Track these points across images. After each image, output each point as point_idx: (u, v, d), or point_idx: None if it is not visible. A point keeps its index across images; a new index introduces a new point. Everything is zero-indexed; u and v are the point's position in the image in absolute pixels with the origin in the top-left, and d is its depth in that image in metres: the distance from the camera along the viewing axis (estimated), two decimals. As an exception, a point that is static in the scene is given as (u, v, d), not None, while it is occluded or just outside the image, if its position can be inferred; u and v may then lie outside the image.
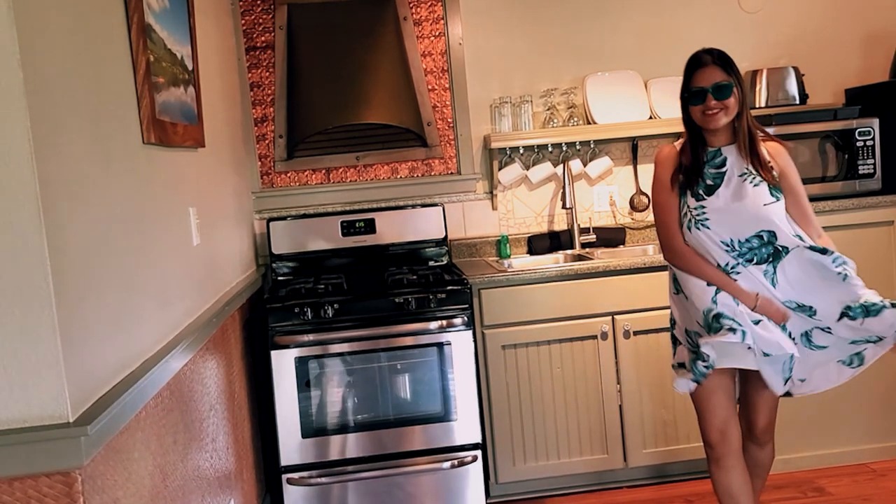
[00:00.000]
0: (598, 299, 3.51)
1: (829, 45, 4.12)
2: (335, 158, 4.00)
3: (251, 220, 3.89)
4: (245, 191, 3.80)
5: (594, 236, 4.01)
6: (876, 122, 3.66)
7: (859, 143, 3.66)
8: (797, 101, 3.91)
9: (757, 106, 3.92)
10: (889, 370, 3.63)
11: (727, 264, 2.57)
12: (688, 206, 2.61)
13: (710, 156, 2.63)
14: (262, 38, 3.95)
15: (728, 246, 2.57)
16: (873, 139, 3.66)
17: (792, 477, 3.55)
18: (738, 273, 2.57)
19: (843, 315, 2.53)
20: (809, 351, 2.60)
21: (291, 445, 3.36)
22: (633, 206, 4.10)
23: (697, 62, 2.61)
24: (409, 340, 3.40)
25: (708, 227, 2.57)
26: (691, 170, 2.61)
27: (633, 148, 4.07)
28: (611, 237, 4.04)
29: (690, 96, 2.61)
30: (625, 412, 3.56)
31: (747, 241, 2.55)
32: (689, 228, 2.60)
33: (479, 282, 3.47)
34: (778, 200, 2.56)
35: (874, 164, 3.67)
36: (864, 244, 3.59)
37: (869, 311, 2.49)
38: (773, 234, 2.55)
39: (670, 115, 3.93)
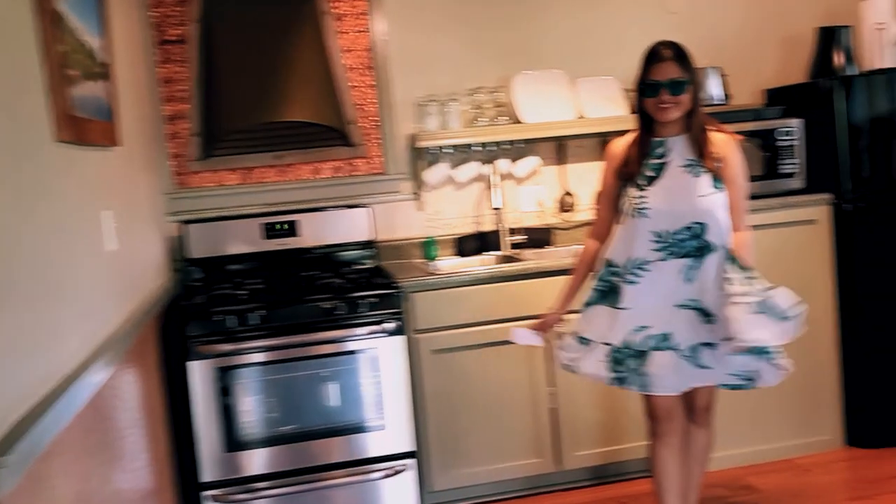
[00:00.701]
0: (530, 301, 3.44)
1: (750, 47, 4.17)
2: (254, 158, 3.83)
3: (165, 223, 3.68)
4: (158, 192, 3.59)
5: (523, 237, 3.96)
6: (798, 122, 3.72)
7: (782, 143, 3.71)
8: (721, 101, 3.95)
9: (681, 106, 3.93)
10: (811, 365, 3.69)
11: (641, 258, 2.63)
12: (630, 197, 2.67)
13: (653, 146, 2.68)
14: (175, 32, 3.74)
15: (659, 237, 2.62)
16: (796, 139, 3.72)
17: (721, 475, 3.56)
18: (648, 271, 2.63)
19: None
20: (692, 369, 2.61)
21: (212, 461, 3.18)
22: (562, 206, 4.06)
23: (656, 56, 2.62)
24: (337, 347, 3.26)
25: (646, 217, 2.62)
26: (635, 161, 2.68)
27: (560, 148, 4.03)
28: (539, 238, 4.00)
29: (645, 88, 2.63)
30: (558, 415, 3.51)
31: (677, 232, 2.61)
32: (630, 215, 2.66)
33: (410, 285, 3.36)
34: (718, 192, 2.61)
35: (797, 164, 3.72)
36: (787, 243, 3.64)
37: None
38: (703, 228, 2.59)
39: (598, 114, 3.90)
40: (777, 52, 4.21)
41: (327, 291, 3.29)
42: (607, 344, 2.68)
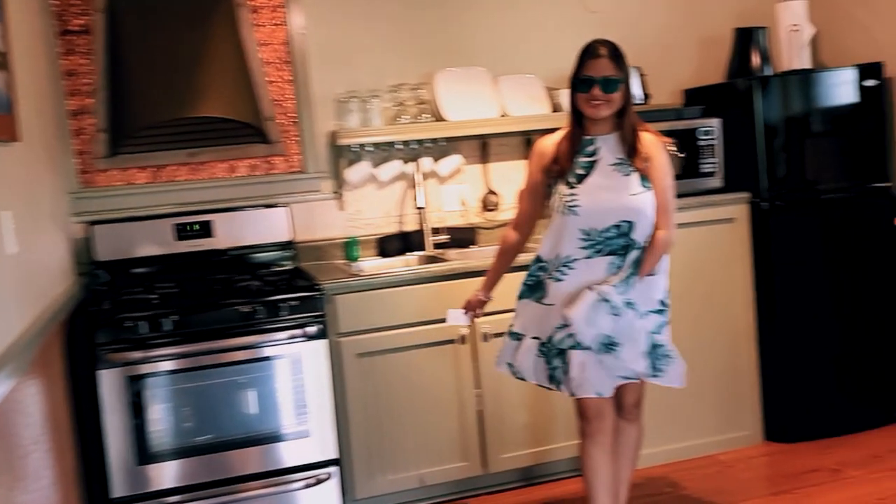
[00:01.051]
0: (456, 302, 3.36)
1: (669, 47, 4.20)
2: (165, 155, 3.65)
3: (69, 225, 3.46)
4: (62, 191, 3.38)
5: (446, 237, 3.89)
6: (718, 122, 3.76)
7: (702, 143, 3.74)
8: (641, 101, 3.96)
9: (603, 105, 3.93)
10: (731, 362, 3.74)
11: (568, 256, 2.65)
12: (560, 194, 2.66)
13: (583, 144, 2.68)
14: (78, 21, 3.53)
15: (587, 235, 2.63)
16: (715, 138, 3.76)
17: (646, 474, 3.56)
18: (574, 269, 2.64)
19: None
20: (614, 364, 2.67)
21: (123, 474, 3.01)
22: (485, 206, 4.01)
23: (591, 52, 2.64)
24: (256, 353, 3.13)
25: (576, 214, 2.63)
26: (566, 157, 2.67)
27: (483, 146, 3.98)
28: (463, 237, 3.94)
29: (579, 84, 2.63)
30: (484, 417, 3.45)
31: (606, 230, 2.62)
32: (560, 213, 2.66)
33: (332, 287, 3.25)
34: (647, 191, 2.63)
35: (716, 163, 3.76)
36: (708, 242, 3.67)
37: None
38: (631, 226, 2.61)
39: (522, 112, 3.86)
40: (695, 53, 4.25)
41: (245, 295, 3.15)
42: (536, 338, 2.73)
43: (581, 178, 2.65)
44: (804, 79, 3.76)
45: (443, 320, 3.34)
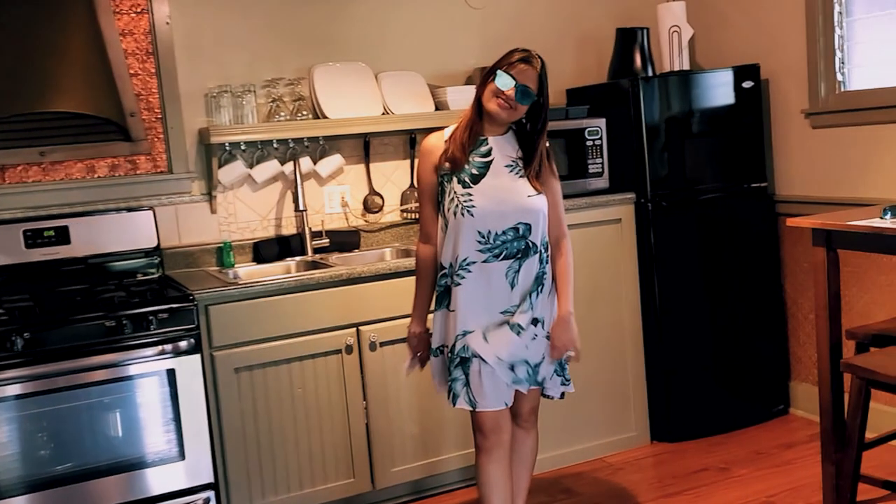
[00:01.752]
0: (341, 310, 3.20)
1: (551, 45, 4.12)
2: (12, 154, 3.29)
3: None
4: None
5: (327, 240, 3.69)
6: (603, 122, 3.73)
7: (588, 143, 3.70)
8: (525, 100, 3.88)
9: (487, 103, 3.83)
10: (614, 361, 3.72)
11: (465, 259, 2.53)
12: (455, 193, 2.55)
13: (477, 144, 2.57)
14: None
15: (483, 238, 2.53)
16: (601, 138, 3.72)
17: (536, 480, 3.47)
18: (470, 272, 2.53)
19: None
20: (509, 377, 2.59)
21: (-31, 513, 2.67)
22: (367, 208, 3.83)
23: (525, 59, 2.52)
24: (122, 371, 2.85)
25: (472, 215, 2.52)
26: (460, 151, 2.55)
27: (365, 145, 3.81)
28: (344, 241, 3.75)
29: (497, 77, 2.49)
30: (372, 431, 3.28)
31: (503, 233, 2.53)
32: (455, 214, 2.54)
33: (206, 297, 3.00)
34: (540, 194, 2.57)
35: (602, 164, 3.73)
36: (594, 243, 3.63)
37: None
38: (528, 228, 2.54)
39: (404, 110, 3.71)
40: (576, 52, 4.22)
41: (108, 307, 2.86)
42: (442, 347, 2.64)
43: (476, 179, 2.54)
44: (686, 80, 3.77)
45: (328, 329, 3.18)
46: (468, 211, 2.51)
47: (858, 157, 3.57)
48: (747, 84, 3.82)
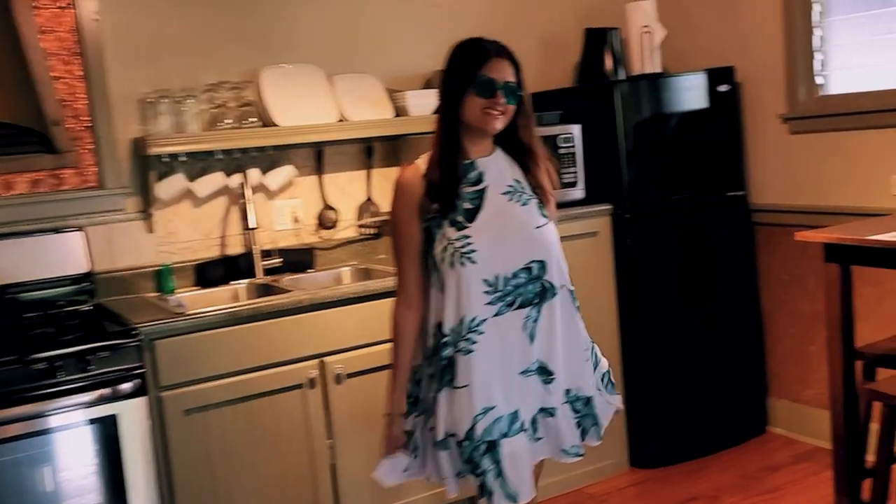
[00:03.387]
0: (303, 340, 2.87)
1: (512, 45, 3.87)
2: (-86, 169, 2.86)
3: None
4: None
5: (279, 260, 3.35)
6: (578, 129, 3.49)
7: (562, 151, 3.45)
8: (489, 105, 3.62)
9: (449, 109, 3.56)
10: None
11: (473, 318, 2.04)
12: (448, 239, 2.06)
13: (464, 170, 2.11)
14: None
15: (492, 286, 2.05)
16: (575, 146, 3.48)
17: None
18: (483, 332, 2.05)
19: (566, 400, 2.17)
20: (533, 446, 2.13)
21: None
22: (321, 223, 3.51)
23: (494, 49, 2.08)
24: (56, 421, 2.46)
25: (474, 262, 2.04)
26: (446, 191, 2.07)
27: (318, 155, 3.48)
28: (298, 260, 3.41)
29: (477, 86, 2.04)
30: (339, 471, 2.95)
31: (515, 275, 2.07)
32: (452, 265, 2.05)
33: (151, 330, 2.63)
34: (548, 222, 2.15)
35: (577, 173, 3.49)
36: (570, 258, 3.35)
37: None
38: (542, 266, 2.10)
39: (361, 116, 3.40)
40: (542, 53, 3.97)
41: (37, 346, 2.47)
42: (451, 435, 2.07)
43: (471, 215, 2.07)
44: (660, 83, 3.57)
45: (289, 362, 2.86)
46: (468, 258, 2.04)
47: (839, 164, 3.43)
48: (723, 88, 3.64)
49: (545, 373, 2.12)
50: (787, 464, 3.50)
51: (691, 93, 3.64)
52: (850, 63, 3.43)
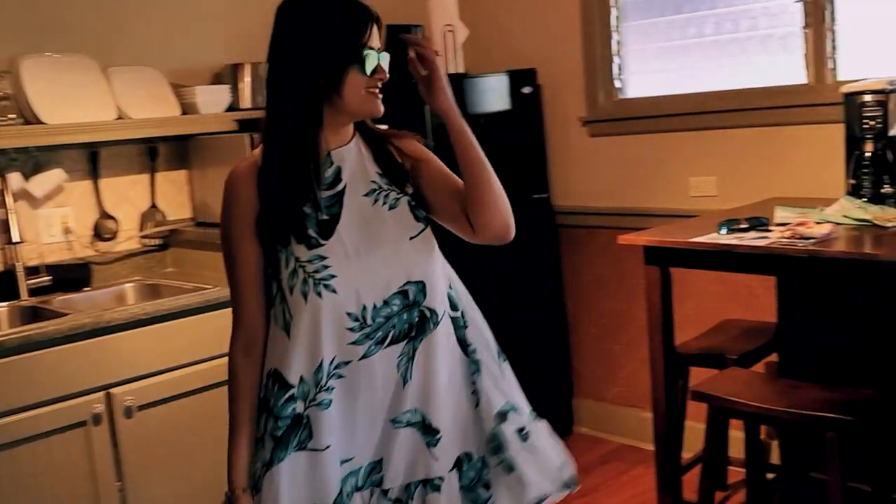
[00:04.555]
0: (85, 370, 2.48)
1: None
2: None
3: None
4: None
5: (48, 277, 2.91)
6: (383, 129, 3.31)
7: (368, 152, 3.26)
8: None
9: (243, 107, 3.27)
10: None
11: (332, 362, 1.57)
12: (296, 260, 1.58)
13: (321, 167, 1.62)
14: None
15: (359, 319, 1.58)
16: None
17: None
18: (343, 378, 1.58)
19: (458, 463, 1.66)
20: None
21: None
22: (98, 234, 3.09)
23: (367, 14, 1.60)
24: None
25: (334, 291, 1.56)
26: (295, 197, 1.58)
27: (92, 157, 3.06)
28: (71, 277, 2.98)
29: (360, 59, 1.56)
30: (130, 518, 2.59)
31: (386, 303, 1.59)
32: (305, 295, 1.56)
33: None
34: (425, 227, 1.66)
35: (384, 176, 3.31)
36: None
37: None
38: (421, 289, 1.62)
39: (143, 114, 3.03)
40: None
41: None
42: None
43: (327, 228, 1.59)
44: (465, 83, 3.44)
45: (69, 397, 2.46)
46: (326, 287, 1.56)
47: (640, 166, 3.49)
48: (526, 90, 3.61)
49: (428, 430, 1.63)
50: (596, 464, 3.51)
51: (494, 94, 3.57)
52: (645, 68, 3.51)
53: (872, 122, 2.55)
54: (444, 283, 1.68)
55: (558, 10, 3.63)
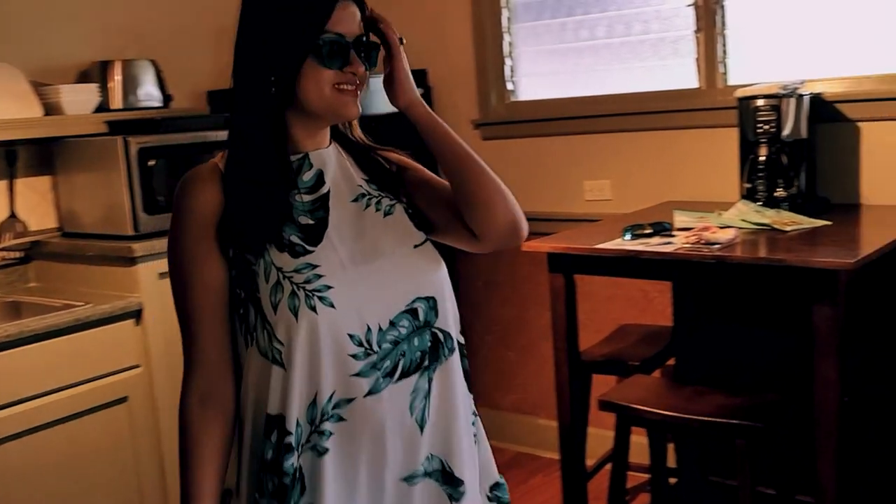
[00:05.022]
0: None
1: (182, 37, 3.42)
2: None
3: None
4: None
5: None
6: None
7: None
8: (161, 104, 3.15)
9: (113, 108, 3.02)
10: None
11: (329, 399, 1.28)
12: (279, 271, 1.29)
13: (295, 169, 1.36)
14: None
15: (363, 344, 1.29)
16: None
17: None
18: (343, 421, 1.29)
19: None
20: None
21: None
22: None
23: None
24: None
25: (332, 306, 1.27)
26: (270, 194, 1.32)
27: (9, 156, 2.76)
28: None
29: (324, 49, 1.29)
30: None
31: (393, 324, 1.32)
32: (296, 312, 1.26)
33: None
34: (427, 239, 1.41)
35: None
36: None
37: None
38: (432, 306, 1.36)
39: (77, 110, 2.79)
40: (216, 47, 3.53)
41: None
42: None
43: (314, 233, 1.32)
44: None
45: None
46: (320, 298, 1.27)
47: (533, 170, 3.44)
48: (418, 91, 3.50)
49: (449, 480, 1.36)
50: (494, 472, 3.45)
51: (384, 95, 3.44)
52: (538, 70, 3.46)
53: (766, 127, 2.57)
54: (453, 300, 1.41)
55: (448, 10, 3.55)
